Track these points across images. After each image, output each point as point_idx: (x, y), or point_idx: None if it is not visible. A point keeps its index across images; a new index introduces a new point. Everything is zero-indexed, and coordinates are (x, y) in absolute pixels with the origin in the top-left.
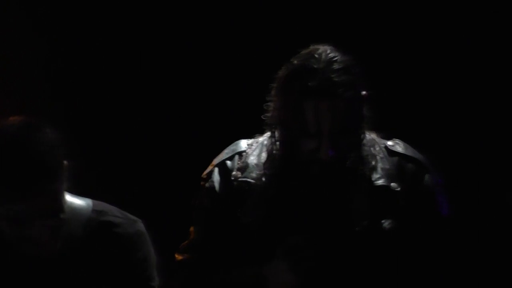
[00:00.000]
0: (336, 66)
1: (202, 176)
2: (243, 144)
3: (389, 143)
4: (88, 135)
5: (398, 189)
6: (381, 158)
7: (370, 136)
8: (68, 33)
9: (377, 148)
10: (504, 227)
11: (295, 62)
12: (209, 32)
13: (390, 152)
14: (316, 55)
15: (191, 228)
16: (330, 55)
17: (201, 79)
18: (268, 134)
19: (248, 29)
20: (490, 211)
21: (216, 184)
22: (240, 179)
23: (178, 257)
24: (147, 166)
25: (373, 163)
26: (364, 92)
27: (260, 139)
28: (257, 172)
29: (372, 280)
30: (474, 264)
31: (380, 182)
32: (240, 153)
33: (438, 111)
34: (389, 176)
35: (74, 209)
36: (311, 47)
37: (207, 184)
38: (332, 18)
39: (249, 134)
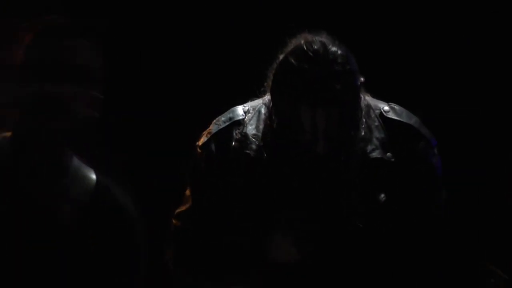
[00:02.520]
0: (332, 69)
1: (198, 143)
2: (240, 111)
3: (385, 108)
4: None
5: (393, 159)
6: (376, 126)
7: (365, 101)
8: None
9: (372, 115)
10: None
11: (291, 61)
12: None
13: (385, 119)
14: (311, 53)
15: (187, 192)
16: (326, 53)
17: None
18: (264, 99)
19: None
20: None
21: (214, 154)
22: (239, 151)
23: (175, 223)
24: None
25: (368, 134)
26: (361, 80)
27: (256, 103)
28: (256, 144)
29: (370, 253)
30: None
31: (375, 154)
32: (238, 122)
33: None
34: (383, 146)
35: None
36: (305, 40)
37: (204, 153)
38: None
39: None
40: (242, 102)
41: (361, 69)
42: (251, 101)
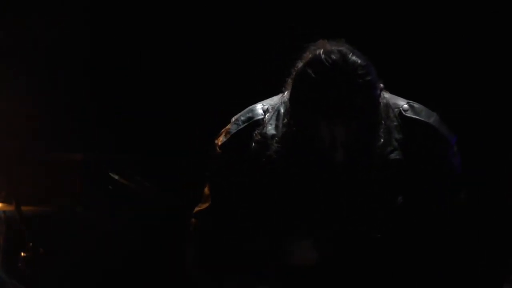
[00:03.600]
0: (352, 82)
1: (217, 142)
2: (259, 110)
3: (404, 106)
4: None
5: (412, 161)
6: (395, 126)
7: (384, 99)
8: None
9: (391, 115)
10: None
11: (309, 72)
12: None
13: (404, 118)
14: (330, 64)
15: (206, 190)
16: (345, 65)
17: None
18: (283, 96)
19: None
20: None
21: (234, 154)
22: (259, 152)
23: (194, 222)
24: None
25: (387, 136)
26: (381, 86)
27: (275, 101)
28: (276, 145)
29: (388, 256)
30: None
31: (394, 155)
32: (257, 122)
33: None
34: (402, 147)
35: None
36: (323, 49)
37: (224, 153)
38: None
39: None
40: (241, 101)
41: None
42: (270, 99)
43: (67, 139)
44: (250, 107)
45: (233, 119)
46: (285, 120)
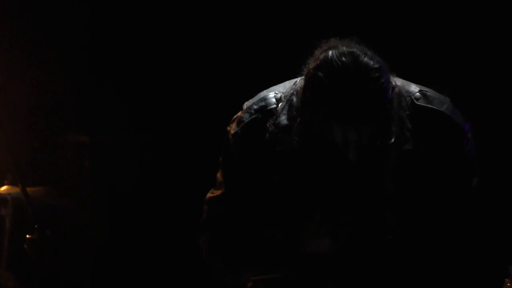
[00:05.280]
0: (364, 87)
1: (229, 130)
2: (272, 99)
3: (416, 95)
4: None
5: (425, 150)
6: (407, 115)
7: (396, 88)
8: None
9: (403, 104)
10: None
11: (320, 75)
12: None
13: (416, 107)
14: (341, 68)
15: (218, 176)
16: (357, 68)
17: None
18: (296, 84)
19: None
20: None
21: (247, 144)
22: (272, 143)
23: (207, 209)
24: None
25: (400, 128)
26: (392, 84)
27: (288, 89)
28: (289, 135)
29: (405, 246)
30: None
31: (407, 146)
32: (270, 111)
33: None
34: (415, 137)
35: None
36: (334, 51)
37: (237, 142)
38: None
39: None
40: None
41: None
42: (282, 86)
43: (73, 121)
44: (262, 95)
45: (245, 106)
46: (298, 110)
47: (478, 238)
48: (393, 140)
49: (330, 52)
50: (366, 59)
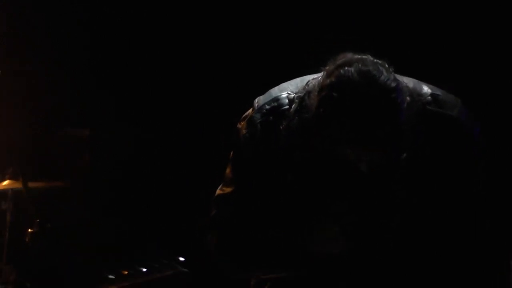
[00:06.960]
0: (378, 109)
1: (240, 128)
2: (285, 100)
3: (428, 98)
4: None
5: (435, 155)
6: (417, 121)
7: (408, 94)
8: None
9: (414, 109)
10: None
11: (333, 95)
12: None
13: (427, 111)
14: (355, 87)
15: (227, 172)
16: (371, 88)
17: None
18: (309, 84)
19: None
20: None
21: (258, 144)
22: (284, 144)
23: (216, 207)
24: None
25: (411, 133)
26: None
27: (300, 89)
28: (301, 137)
29: (413, 246)
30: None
31: (418, 153)
32: (282, 112)
33: None
34: (426, 143)
35: None
36: (348, 68)
37: (248, 141)
38: None
39: None
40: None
41: None
42: (295, 84)
43: (74, 115)
44: (274, 94)
45: (256, 105)
46: (309, 122)
47: (478, 239)
48: (405, 155)
49: (345, 71)
50: (382, 78)
